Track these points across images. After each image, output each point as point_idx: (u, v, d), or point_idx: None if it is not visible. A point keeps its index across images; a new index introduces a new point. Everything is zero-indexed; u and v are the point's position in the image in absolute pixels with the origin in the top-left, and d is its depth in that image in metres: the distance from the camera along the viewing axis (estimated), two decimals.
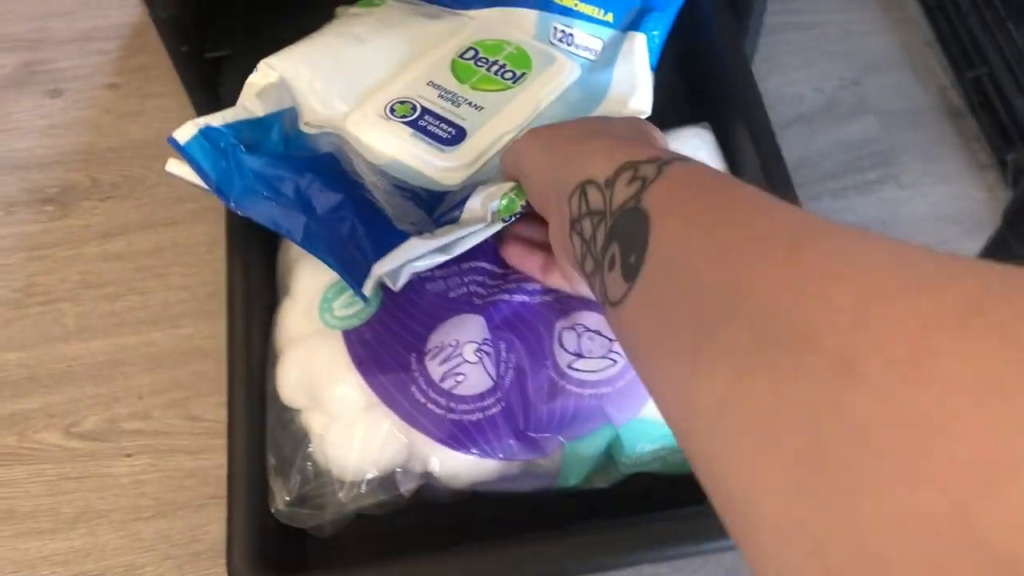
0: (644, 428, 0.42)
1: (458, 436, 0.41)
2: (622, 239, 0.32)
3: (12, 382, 0.72)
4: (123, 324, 0.75)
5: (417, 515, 0.45)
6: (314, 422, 0.43)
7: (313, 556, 0.42)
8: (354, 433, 0.41)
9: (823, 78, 0.83)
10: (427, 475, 0.42)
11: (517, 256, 0.46)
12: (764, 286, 0.25)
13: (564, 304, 0.45)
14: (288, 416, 0.43)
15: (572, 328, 0.44)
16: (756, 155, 0.48)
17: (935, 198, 0.77)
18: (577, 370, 0.43)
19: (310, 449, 0.42)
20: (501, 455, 0.42)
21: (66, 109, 0.86)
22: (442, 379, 0.42)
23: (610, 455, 0.44)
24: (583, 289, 0.43)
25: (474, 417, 0.42)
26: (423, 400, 0.42)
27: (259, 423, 0.42)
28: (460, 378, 0.42)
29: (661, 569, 0.64)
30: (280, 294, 0.47)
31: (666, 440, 0.42)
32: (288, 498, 0.41)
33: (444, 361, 0.43)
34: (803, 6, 0.87)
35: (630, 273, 0.31)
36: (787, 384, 0.22)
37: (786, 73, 0.84)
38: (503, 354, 0.43)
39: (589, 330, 0.43)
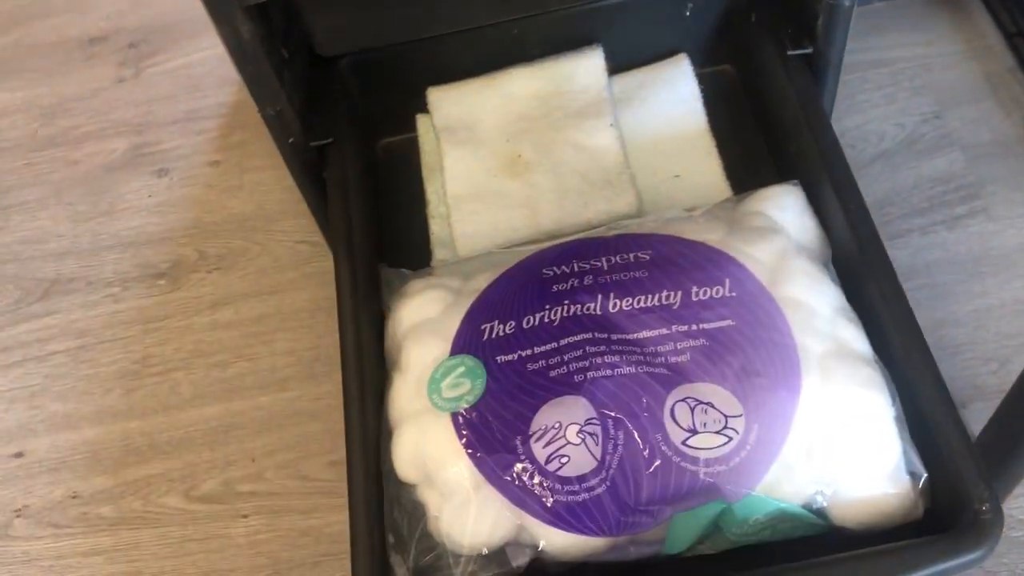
0: (757, 503, 0.43)
1: (564, 516, 0.43)
2: None
3: (135, 449, 0.77)
4: (234, 390, 0.79)
5: None
6: (428, 498, 0.45)
7: None
8: (466, 512, 0.43)
9: (903, 114, 0.83)
10: (537, 550, 0.43)
11: None
12: None
13: (674, 373, 0.45)
14: (404, 492, 0.45)
15: (684, 401, 0.44)
16: (844, 215, 0.49)
17: None
18: (691, 447, 0.43)
19: (427, 526, 0.44)
20: (608, 532, 0.43)
21: (172, 187, 0.91)
22: (547, 461, 0.43)
23: (718, 524, 0.44)
24: None
25: (580, 498, 0.43)
26: (529, 482, 0.43)
27: (376, 491, 0.44)
28: (564, 460, 0.43)
29: None
30: (389, 367, 0.49)
31: (777, 511, 0.42)
32: (407, 573, 0.43)
33: (548, 443, 0.44)
34: (879, 42, 0.88)
35: None
36: None
37: (865, 111, 0.84)
38: (611, 431, 0.44)
39: (701, 403, 0.44)
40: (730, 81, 0.63)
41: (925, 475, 0.42)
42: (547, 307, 0.47)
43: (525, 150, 0.56)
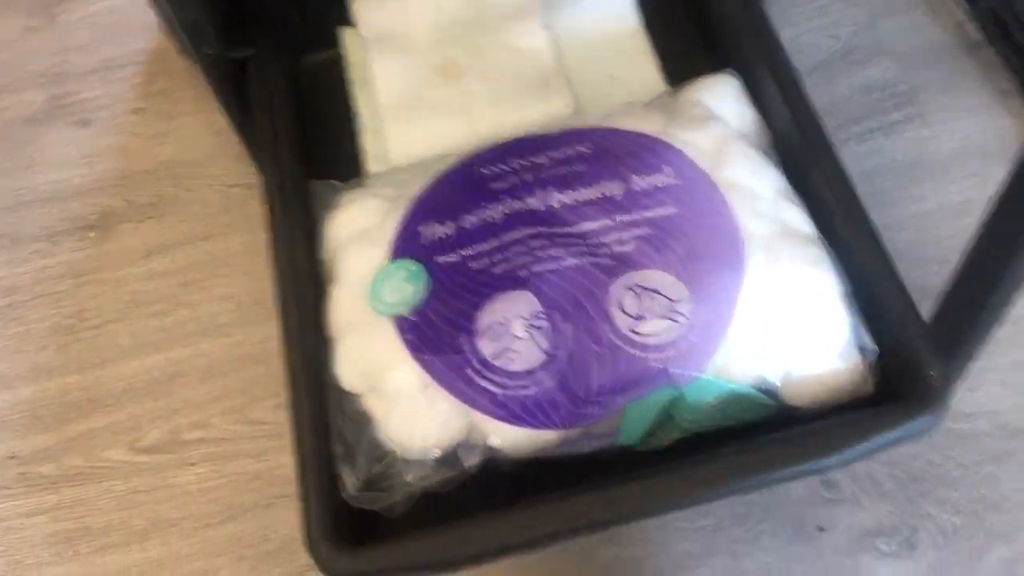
0: (707, 386, 0.42)
1: (514, 411, 0.42)
2: None
3: (74, 404, 0.74)
4: (174, 338, 0.76)
5: (483, 488, 0.45)
6: (374, 406, 0.44)
7: (385, 530, 0.43)
8: (415, 415, 0.42)
9: (837, 25, 0.83)
10: (489, 448, 0.43)
11: None
12: None
13: (618, 262, 0.44)
14: (348, 401, 0.44)
15: (630, 289, 0.44)
16: (784, 102, 0.48)
17: (962, 132, 0.77)
18: (639, 334, 0.43)
19: (374, 433, 0.43)
20: (559, 425, 0.43)
21: (95, 138, 0.88)
22: (494, 357, 0.43)
23: (670, 414, 0.44)
24: None
25: (530, 392, 0.42)
26: (478, 380, 0.43)
27: (321, 410, 0.43)
28: (512, 355, 0.43)
29: (723, 523, 0.64)
30: (325, 281, 0.48)
31: (728, 393, 0.42)
32: (357, 483, 0.42)
33: (495, 339, 0.43)
34: None
35: None
36: None
37: (799, 24, 0.83)
38: (558, 323, 0.43)
39: (647, 289, 0.43)
40: None
41: (875, 348, 0.42)
42: (487, 206, 0.46)
43: (458, 55, 0.54)
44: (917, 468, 0.64)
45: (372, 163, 0.53)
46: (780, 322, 0.43)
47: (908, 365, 0.40)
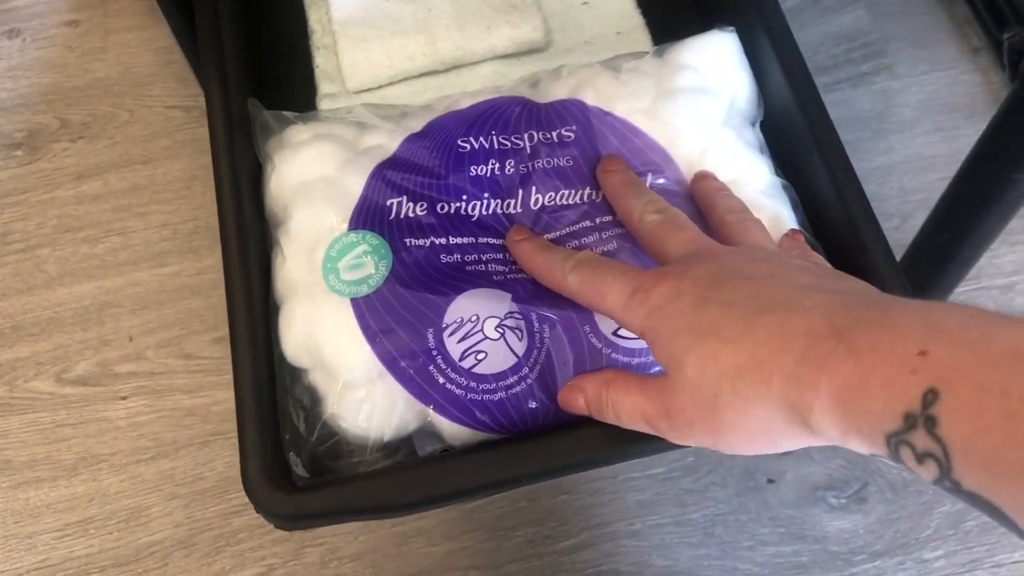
0: None
1: (477, 416, 0.39)
2: (967, 500, 0.26)
3: None
4: (106, 266, 0.73)
5: None
6: (322, 384, 0.40)
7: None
8: (367, 404, 0.38)
9: None
10: (444, 441, 0.40)
11: None
12: None
13: None
14: (296, 375, 0.40)
15: None
16: (776, 58, 0.45)
17: (930, 86, 0.76)
18: (622, 337, 0.40)
19: (321, 412, 0.39)
20: (523, 429, 0.40)
21: (25, 50, 0.82)
22: (461, 357, 0.39)
23: None
24: None
25: (496, 396, 0.39)
26: (442, 380, 0.39)
27: (266, 375, 0.39)
28: (481, 356, 0.39)
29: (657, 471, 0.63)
30: (273, 227, 0.43)
31: None
32: (306, 472, 0.39)
33: (463, 338, 0.39)
34: None
35: (941, 475, 0.26)
36: None
37: None
38: (535, 325, 0.39)
39: None
40: None
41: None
42: (464, 197, 0.42)
43: None
44: None
45: (324, 83, 0.50)
46: None
47: None
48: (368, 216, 0.42)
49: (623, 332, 0.39)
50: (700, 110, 0.44)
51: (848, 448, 0.29)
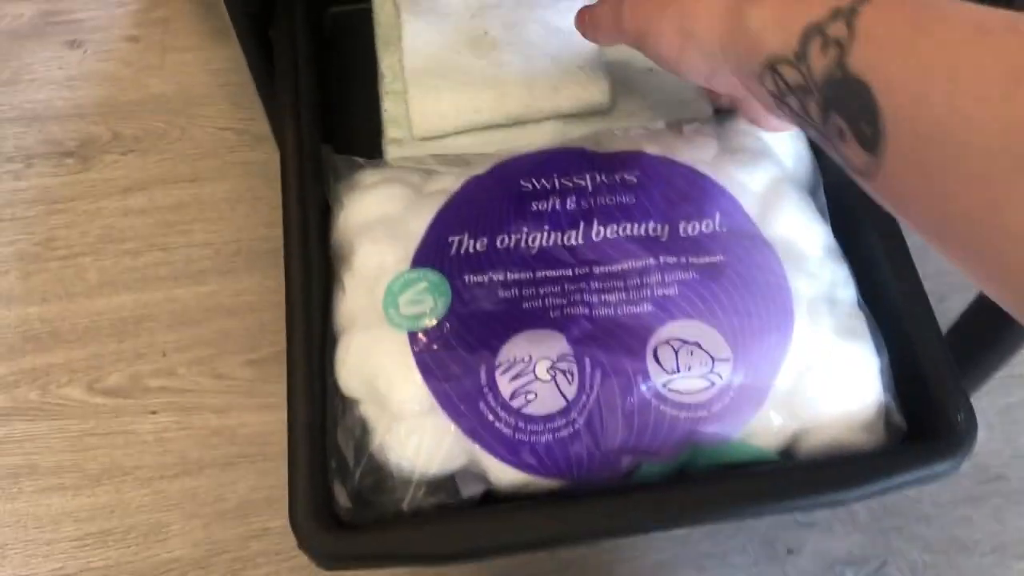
0: (733, 450, 0.40)
1: (523, 456, 0.39)
2: (844, 111, 0.31)
3: (34, 336, 0.71)
4: (146, 280, 0.73)
5: None
6: (374, 416, 0.41)
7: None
8: (416, 438, 0.39)
9: None
10: (489, 482, 0.40)
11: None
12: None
13: (659, 309, 0.41)
14: (347, 406, 0.41)
15: (667, 343, 0.40)
16: None
17: None
18: (673, 391, 0.40)
19: (369, 444, 0.40)
20: (567, 475, 0.40)
21: (85, 61, 0.84)
22: (512, 396, 0.39)
23: (683, 465, 0.41)
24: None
25: (543, 439, 0.39)
26: (491, 417, 0.40)
27: (320, 406, 0.40)
28: (531, 396, 0.39)
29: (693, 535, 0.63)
30: (336, 264, 0.44)
31: (751, 456, 0.40)
32: (349, 503, 0.39)
33: (515, 377, 0.40)
34: None
35: (870, 144, 0.30)
36: None
37: None
38: (587, 370, 0.40)
39: (687, 343, 0.40)
40: None
41: (904, 427, 0.41)
42: (524, 230, 0.43)
43: (492, 27, 0.52)
44: (892, 501, 0.64)
45: (391, 128, 0.51)
46: (814, 392, 0.41)
47: (934, 406, 0.39)
48: (430, 254, 0.43)
49: (673, 385, 0.40)
50: (762, 167, 0.45)
51: (748, 51, 0.35)
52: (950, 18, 0.28)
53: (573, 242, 0.44)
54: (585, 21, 0.47)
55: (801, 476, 0.39)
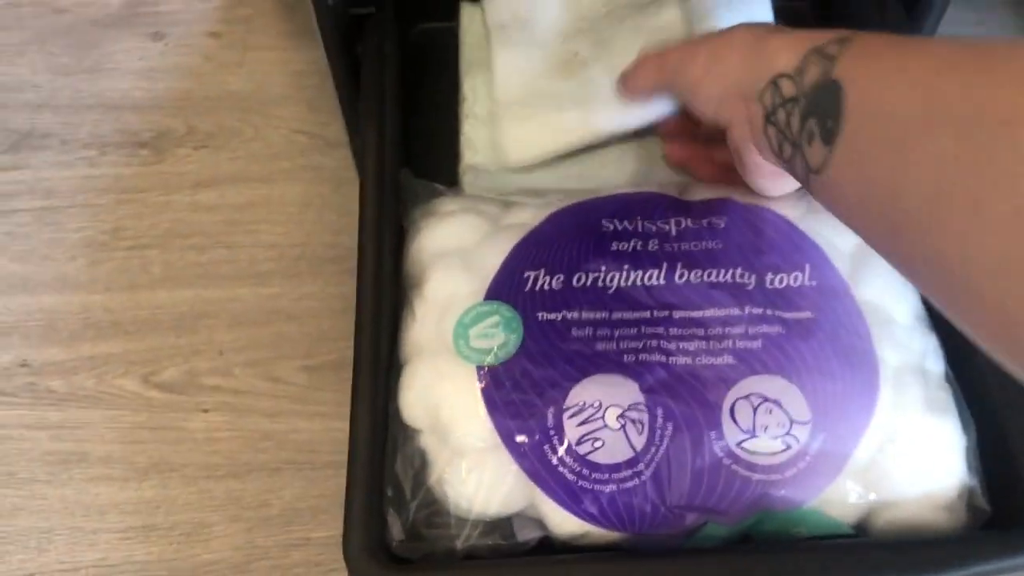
0: (804, 517, 0.38)
1: (586, 506, 0.38)
2: (818, 112, 0.35)
3: (94, 324, 0.72)
4: (208, 276, 0.74)
5: None
6: (434, 449, 0.40)
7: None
8: (477, 475, 0.38)
9: None
10: (547, 528, 0.39)
11: (694, 159, 0.50)
12: (961, 92, 0.29)
13: (740, 362, 0.40)
14: (407, 436, 0.40)
15: (747, 398, 0.39)
16: None
17: None
18: (747, 451, 0.38)
19: (427, 477, 0.39)
20: (629, 529, 0.39)
21: (166, 53, 0.85)
22: (578, 442, 0.38)
23: (747, 531, 0.40)
24: (766, 184, 0.46)
25: (607, 489, 0.38)
26: (555, 461, 0.39)
27: (381, 433, 0.39)
28: (598, 444, 0.38)
29: None
30: (408, 288, 0.44)
31: (824, 527, 0.38)
32: (403, 530, 0.38)
33: (583, 423, 0.39)
34: None
35: (828, 136, 0.34)
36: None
37: None
38: (658, 421, 0.39)
39: (767, 400, 0.38)
40: None
41: (987, 509, 0.39)
42: (603, 268, 0.42)
43: (582, 48, 0.51)
44: None
45: (468, 153, 0.50)
46: (894, 467, 0.39)
47: (1021, 490, 0.37)
48: (504, 288, 0.42)
49: (747, 445, 0.38)
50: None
51: (763, 66, 0.40)
52: (930, 51, 0.32)
53: (653, 282, 0.43)
54: (627, 77, 0.51)
55: (875, 554, 0.37)
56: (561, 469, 0.38)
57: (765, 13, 0.55)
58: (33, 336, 0.71)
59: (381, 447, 0.39)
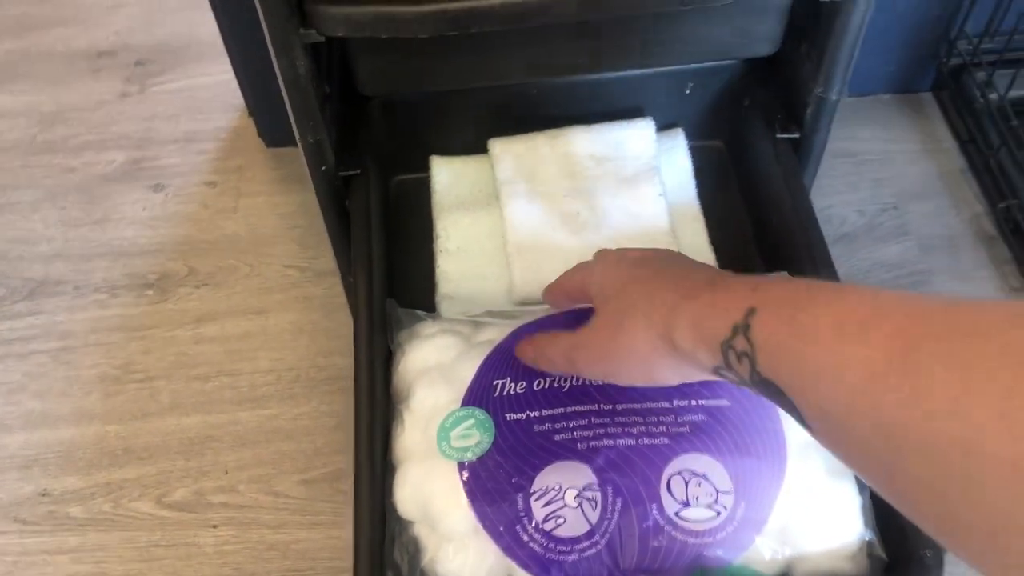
0: (735, 574, 0.46)
1: (554, 573, 0.46)
2: (776, 400, 0.36)
3: (109, 452, 0.78)
4: (213, 403, 0.81)
5: None
6: (425, 536, 0.48)
7: None
8: (463, 556, 0.46)
9: (865, 202, 0.90)
10: None
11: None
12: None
13: (673, 444, 0.48)
14: (402, 527, 0.48)
15: (679, 474, 0.47)
16: None
17: None
18: (683, 519, 0.47)
19: (422, 561, 0.47)
20: None
21: (167, 203, 0.94)
22: (544, 520, 0.46)
23: None
24: None
25: (570, 558, 0.46)
26: (525, 538, 0.47)
27: (380, 527, 0.47)
28: (560, 521, 0.46)
29: None
30: (396, 402, 0.52)
31: None
32: None
33: (547, 503, 0.47)
34: (847, 133, 0.95)
35: (802, 422, 0.35)
36: None
37: (830, 196, 0.90)
38: (609, 498, 0.47)
39: (696, 475, 0.47)
40: (719, 156, 0.69)
41: (885, 559, 0.46)
42: (559, 375, 0.51)
43: (582, 210, 0.60)
44: None
45: (443, 284, 0.59)
46: (804, 524, 0.47)
47: (908, 543, 0.44)
48: (477, 395, 0.50)
49: (683, 514, 0.46)
50: None
51: (696, 364, 0.40)
52: (819, 319, 0.33)
53: (599, 382, 0.51)
54: (545, 296, 0.54)
55: None
56: (531, 544, 0.46)
57: (687, 172, 0.64)
58: (52, 467, 0.78)
59: (380, 538, 0.47)
